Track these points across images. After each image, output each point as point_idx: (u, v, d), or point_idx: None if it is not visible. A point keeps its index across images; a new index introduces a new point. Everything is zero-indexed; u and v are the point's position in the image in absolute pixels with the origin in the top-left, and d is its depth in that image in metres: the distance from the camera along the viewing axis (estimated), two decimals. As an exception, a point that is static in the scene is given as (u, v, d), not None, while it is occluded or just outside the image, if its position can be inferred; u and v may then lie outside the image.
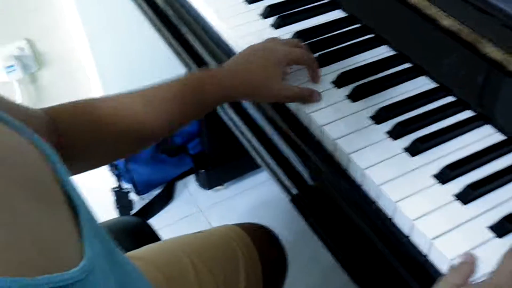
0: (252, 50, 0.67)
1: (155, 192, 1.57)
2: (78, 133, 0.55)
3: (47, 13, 1.38)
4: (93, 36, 1.40)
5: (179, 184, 1.62)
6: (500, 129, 0.62)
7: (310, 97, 0.66)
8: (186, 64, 0.94)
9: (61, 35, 1.44)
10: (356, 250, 0.62)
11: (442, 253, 0.50)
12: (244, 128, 0.79)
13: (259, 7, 0.84)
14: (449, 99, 0.67)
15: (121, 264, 0.39)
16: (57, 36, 1.44)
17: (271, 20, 0.81)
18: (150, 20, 0.99)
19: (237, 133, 0.83)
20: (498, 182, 0.56)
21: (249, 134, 0.78)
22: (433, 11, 0.70)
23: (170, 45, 0.95)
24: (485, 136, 0.62)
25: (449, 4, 0.67)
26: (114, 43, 1.44)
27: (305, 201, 0.70)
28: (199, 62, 0.88)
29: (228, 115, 0.83)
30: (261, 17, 0.83)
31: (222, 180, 1.59)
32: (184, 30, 0.90)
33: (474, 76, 0.65)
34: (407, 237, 0.55)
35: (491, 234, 0.52)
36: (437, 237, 0.52)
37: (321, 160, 0.64)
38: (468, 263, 0.49)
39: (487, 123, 0.63)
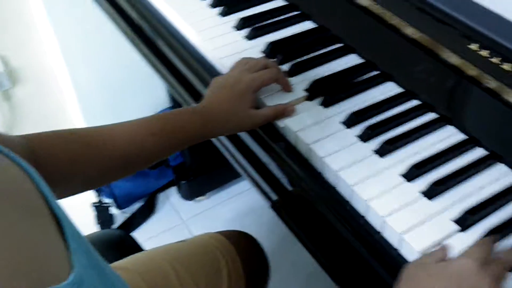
0: (218, 87, 0.69)
1: (137, 205, 1.58)
2: (59, 162, 0.56)
3: (21, 29, 1.38)
4: (68, 52, 1.40)
5: (161, 196, 1.63)
6: (461, 129, 0.66)
7: (283, 115, 0.69)
8: (163, 76, 0.96)
9: (36, 52, 1.43)
10: (334, 251, 0.64)
11: (411, 246, 0.54)
12: (222, 137, 0.82)
13: (233, 19, 0.87)
14: (415, 102, 0.71)
15: (107, 275, 0.40)
16: (31, 52, 1.43)
17: (245, 32, 0.85)
18: (126, 34, 1.01)
19: (216, 142, 0.86)
20: (460, 178, 0.60)
21: (227, 143, 0.81)
22: (396, 21, 0.74)
23: (147, 58, 0.98)
24: (448, 136, 0.66)
25: (410, 14, 0.71)
26: (90, 60, 1.44)
27: (284, 206, 0.73)
28: (176, 74, 0.91)
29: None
30: (235, 29, 0.86)
31: (203, 190, 1.61)
32: (160, 43, 0.93)
33: (436, 80, 0.69)
34: (379, 233, 0.58)
35: (455, 227, 0.56)
36: (406, 231, 0.55)
37: (297, 165, 0.67)
38: (444, 249, 0.52)
39: (450, 124, 0.67)
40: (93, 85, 1.48)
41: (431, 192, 0.58)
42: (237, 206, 1.60)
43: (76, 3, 1.31)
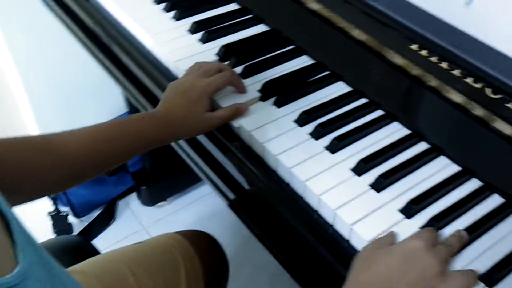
0: (173, 92, 0.70)
1: (96, 213, 1.56)
2: (13, 168, 0.55)
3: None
4: (18, 55, 1.36)
5: (121, 203, 1.62)
6: (406, 125, 0.70)
7: (237, 115, 0.71)
8: (118, 81, 0.97)
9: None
10: (292, 247, 0.67)
11: (361, 236, 0.57)
12: (180, 140, 0.83)
13: (187, 23, 0.89)
14: (363, 101, 0.74)
15: (58, 275, 0.40)
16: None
17: (199, 35, 0.86)
18: (78, 38, 1.01)
19: (174, 145, 0.87)
20: (405, 171, 0.63)
21: (185, 146, 0.82)
22: (344, 24, 0.77)
23: (101, 62, 0.98)
24: (394, 132, 0.69)
25: (356, 18, 0.75)
26: (42, 62, 1.40)
27: (242, 205, 0.75)
28: (132, 79, 0.91)
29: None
30: (189, 32, 0.87)
31: (164, 195, 1.61)
32: (114, 47, 0.93)
33: (382, 80, 0.73)
34: (331, 226, 0.61)
35: (401, 216, 0.59)
36: (355, 222, 0.58)
37: (253, 163, 0.69)
38: (390, 234, 0.55)
39: (395, 120, 0.71)
40: (45, 89, 1.45)
41: (379, 185, 0.61)
42: (199, 210, 1.60)
43: (25, 3, 1.29)
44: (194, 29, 0.88)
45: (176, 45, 0.84)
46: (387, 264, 0.50)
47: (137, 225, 1.57)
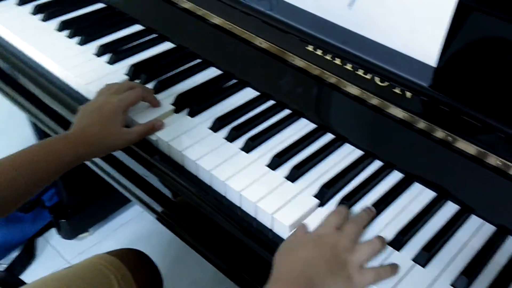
0: (86, 111, 0.71)
1: (13, 254, 1.48)
2: None
3: None
4: None
5: (40, 241, 1.55)
6: (312, 120, 0.76)
7: (153, 130, 0.73)
8: (28, 111, 0.95)
9: None
10: (222, 246, 0.70)
11: (282, 223, 0.61)
12: (101, 161, 0.84)
13: (93, 47, 0.90)
14: (271, 102, 0.79)
15: None
16: None
17: (106, 57, 0.88)
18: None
19: (94, 167, 0.87)
20: (316, 160, 0.69)
21: (106, 166, 0.83)
22: (246, 34, 0.83)
23: (9, 97, 0.96)
24: (302, 127, 0.75)
25: (257, 27, 0.80)
26: None
27: (170, 215, 0.77)
28: (44, 109, 0.91)
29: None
30: (96, 56, 0.89)
31: (85, 226, 1.56)
32: (22, 79, 0.92)
33: (287, 82, 0.79)
34: (255, 218, 0.65)
35: (316, 201, 0.64)
36: (276, 211, 0.62)
37: (174, 173, 0.71)
38: (302, 225, 0.60)
39: (302, 117, 0.77)
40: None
41: (293, 176, 0.67)
42: (124, 237, 1.57)
43: None
44: (100, 52, 0.89)
45: (85, 69, 0.85)
46: (302, 254, 0.56)
47: (60, 261, 1.51)
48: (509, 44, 0.59)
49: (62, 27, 0.95)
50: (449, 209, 0.65)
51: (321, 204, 0.64)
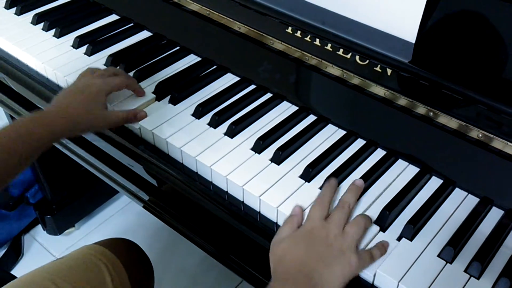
0: (70, 91, 0.70)
1: (0, 253, 1.47)
2: None
3: None
4: None
5: (27, 238, 1.54)
6: (293, 103, 0.76)
7: (135, 119, 0.72)
8: (13, 111, 0.94)
9: None
10: (211, 231, 0.70)
11: (270, 204, 0.61)
12: (85, 154, 0.83)
13: (69, 39, 0.89)
14: (252, 87, 0.79)
15: None
16: None
17: (83, 48, 0.87)
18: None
19: (79, 160, 0.87)
20: (299, 142, 0.70)
21: (93, 159, 0.82)
22: (224, 20, 0.82)
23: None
24: (284, 110, 0.75)
25: (235, 12, 0.80)
26: None
27: (157, 203, 0.77)
28: (24, 104, 0.90)
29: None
30: (73, 48, 0.87)
31: (71, 221, 1.55)
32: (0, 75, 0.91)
33: (267, 65, 0.79)
34: (242, 201, 0.65)
35: (302, 181, 0.65)
36: (263, 193, 0.63)
37: (159, 161, 0.71)
38: (297, 214, 0.60)
39: (284, 100, 0.77)
40: None
41: (278, 158, 0.67)
42: (110, 230, 1.57)
43: None
44: (77, 44, 0.88)
45: (63, 61, 0.84)
46: (297, 254, 0.56)
47: (48, 256, 1.50)
48: (484, 17, 0.59)
49: (37, 20, 0.93)
50: (434, 183, 0.66)
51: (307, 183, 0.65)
